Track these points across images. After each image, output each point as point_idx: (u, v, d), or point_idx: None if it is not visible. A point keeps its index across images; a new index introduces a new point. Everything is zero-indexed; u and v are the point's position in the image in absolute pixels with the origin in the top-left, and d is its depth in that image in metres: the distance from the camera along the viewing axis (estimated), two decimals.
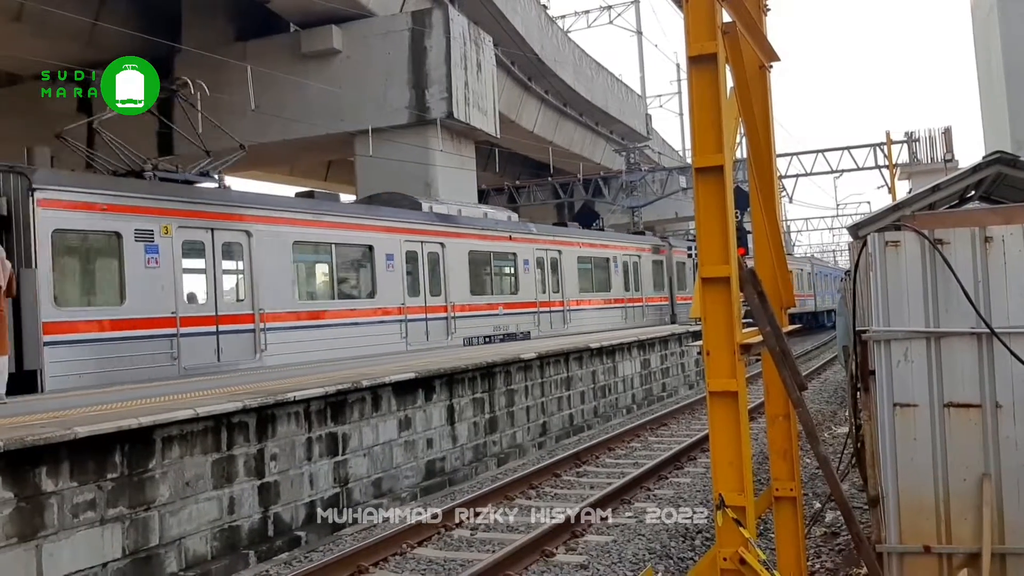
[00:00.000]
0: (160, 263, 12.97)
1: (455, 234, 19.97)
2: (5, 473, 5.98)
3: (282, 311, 15.07)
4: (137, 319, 12.63)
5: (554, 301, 23.83)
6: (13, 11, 21.97)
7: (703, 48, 4.17)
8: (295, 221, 15.98)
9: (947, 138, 31.68)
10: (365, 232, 17.46)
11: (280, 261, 15.31)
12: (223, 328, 13.94)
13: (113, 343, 12.28)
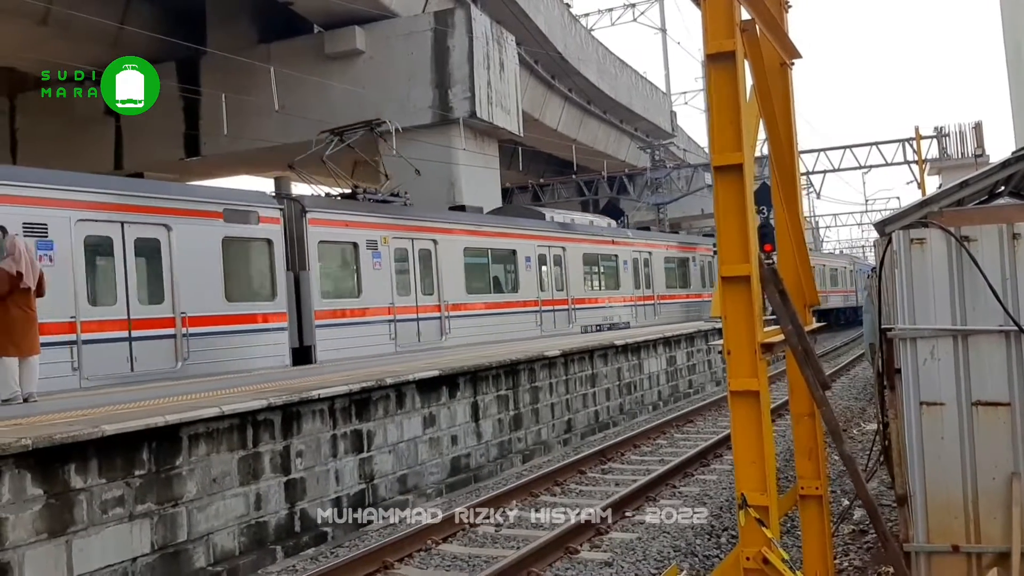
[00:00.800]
0: (381, 266, 16.98)
1: (573, 239, 23.34)
2: (35, 471, 6.07)
3: (460, 303, 19.10)
4: (369, 308, 16.65)
5: (647, 295, 27.31)
6: (40, 15, 22.29)
7: (721, 46, 4.15)
8: (464, 231, 19.61)
9: (977, 133, 31.31)
10: (511, 239, 20.90)
11: (456, 262, 19.00)
12: (422, 316, 17.99)
13: (354, 326, 16.13)
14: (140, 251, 12.73)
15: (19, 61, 25.66)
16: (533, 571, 7.14)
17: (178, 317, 12.86)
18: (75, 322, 11.50)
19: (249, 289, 14.76)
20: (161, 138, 26.46)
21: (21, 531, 5.95)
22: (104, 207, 12.29)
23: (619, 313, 25.23)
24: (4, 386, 9.18)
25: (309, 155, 19.66)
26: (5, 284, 9.13)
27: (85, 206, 11.99)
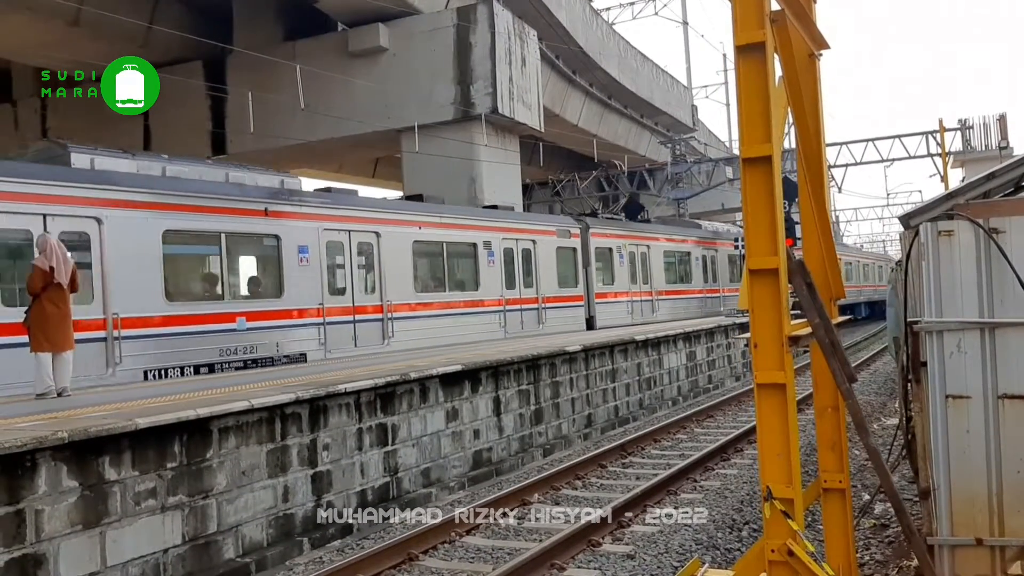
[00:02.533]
0: (623, 262, 24.95)
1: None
2: (71, 463, 6.20)
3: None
4: None
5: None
6: (71, 16, 22.55)
7: (751, 37, 4.12)
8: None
9: (1002, 125, 30.95)
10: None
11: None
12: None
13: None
14: (525, 257, 20.85)
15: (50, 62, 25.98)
16: (556, 563, 7.20)
17: (541, 298, 20.96)
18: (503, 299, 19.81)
19: (567, 280, 22.19)
20: (188, 136, 26.66)
21: (57, 523, 6.08)
22: (507, 230, 20.61)
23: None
24: (39, 381, 9.34)
25: None
26: (39, 281, 9.30)
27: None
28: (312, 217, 15.10)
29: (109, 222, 11.77)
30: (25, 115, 28.99)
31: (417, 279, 17.41)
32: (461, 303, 18.71)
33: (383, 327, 16.35)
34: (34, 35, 23.62)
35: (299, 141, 26.00)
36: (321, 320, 15.05)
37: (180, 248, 13.64)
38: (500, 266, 19.62)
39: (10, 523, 5.81)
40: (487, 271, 19.33)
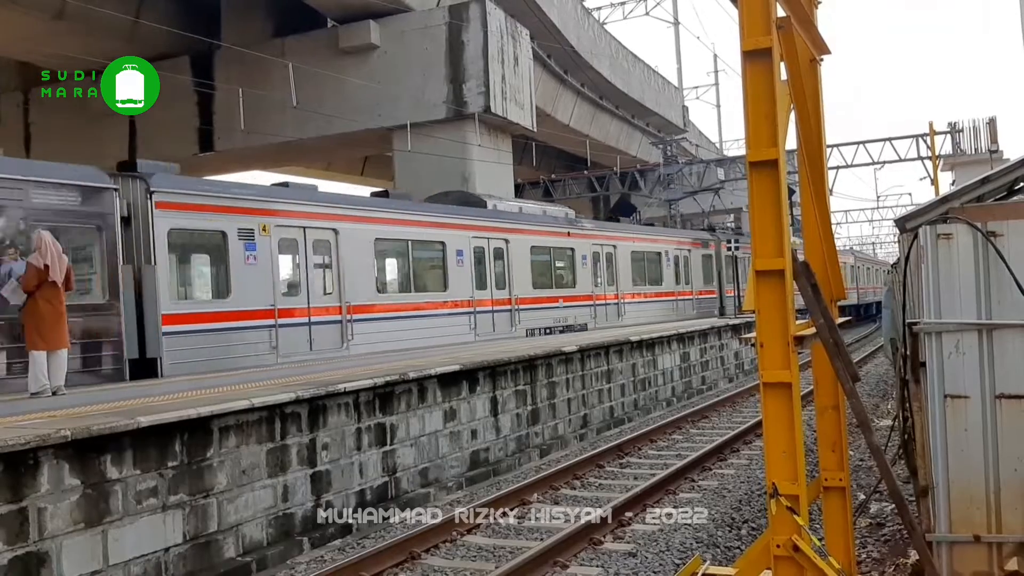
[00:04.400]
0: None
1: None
2: (73, 461, 6.20)
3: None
4: None
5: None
6: (56, 9, 22.36)
7: (758, 43, 4.17)
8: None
9: (992, 128, 31.17)
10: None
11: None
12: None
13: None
14: (678, 263, 29.21)
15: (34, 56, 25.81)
16: (559, 561, 7.24)
17: (695, 291, 30.05)
18: None
19: (706, 279, 30.91)
20: (175, 133, 26.55)
21: (59, 521, 6.08)
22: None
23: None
24: (33, 380, 9.32)
25: None
26: (33, 279, 9.27)
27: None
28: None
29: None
30: (7, 109, 28.74)
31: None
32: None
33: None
34: (17, 28, 23.39)
35: (288, 139, 25.93)
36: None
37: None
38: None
39: (13, 521, 5.81)
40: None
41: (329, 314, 15.35)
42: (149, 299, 12.30)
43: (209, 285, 14.23)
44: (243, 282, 13.78)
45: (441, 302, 18.38)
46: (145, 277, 12.29)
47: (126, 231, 12.16)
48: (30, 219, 10.81)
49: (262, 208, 14.40)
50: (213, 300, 13.84)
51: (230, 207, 13.84)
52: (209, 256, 14.21)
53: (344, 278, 15.67)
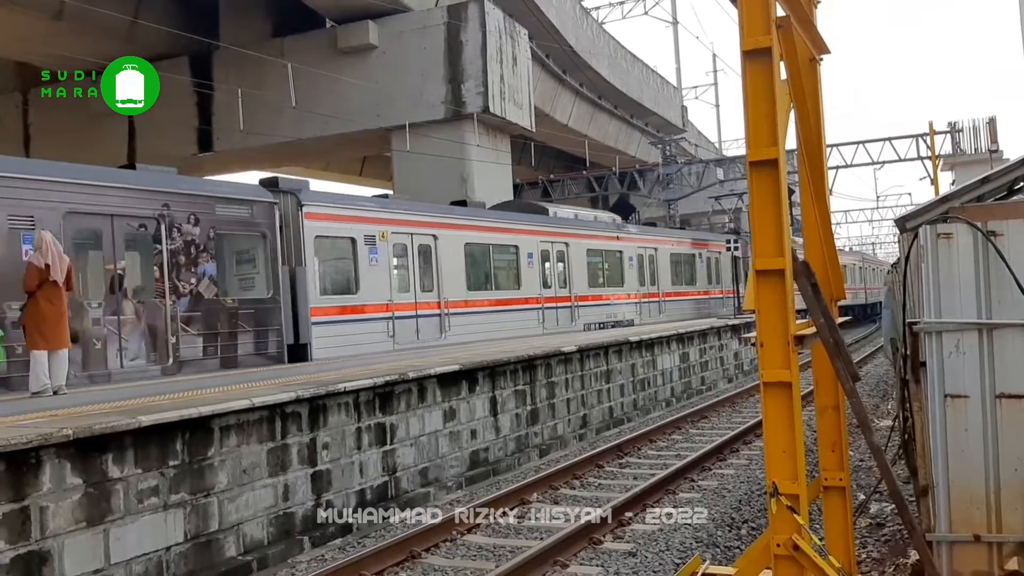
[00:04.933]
0: None
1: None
2: (75, 460, 6.21)
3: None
4: None
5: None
6: (54, 9, 22.37)
7: (758, 42, 4.17)
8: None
9: (992, 128, 31.22)
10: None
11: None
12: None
13: None
14: (710, 264, 31.80)
15: (33, 56, 25.80)
16: (559, 560, 7.26)
17: (724, 291, 32.39)
18: None
19: (735, 278, 31.38)
20: (174, 133, 26.55)
21: (61, 520, 6.09)
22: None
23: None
24: (34, 379, 9.33)
25: None
26: (34, 278, 9.28)
27: None
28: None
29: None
30: (6, 110, 28.75)
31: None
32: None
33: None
34: (16, 29, 23.39)
35: (287, 139, 25.93)
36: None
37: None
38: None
39: (15, 520, 5.81)
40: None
41: (430, 308, 17.97)
42: (301, 294, 14.89)
43: (343, 283, 16.37)
44: (368, 281, 16.33)
45: (515, 299, 20.86)
46: (297, 276, 14.87)
47: (282, 238, 14.56)
48: (217, 228, 13.48)
49: (380, 217, 17.00)
50: (346, 295, 16.13)
51: (357, 217, 16.41)
52: (342, 259, 16.39)
53: (442, 277, 18.23)
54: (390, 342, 16.53)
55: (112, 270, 12.18)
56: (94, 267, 12.40)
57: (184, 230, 13.03)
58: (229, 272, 14.03)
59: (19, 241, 10.80)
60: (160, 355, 12.57)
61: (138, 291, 12.67)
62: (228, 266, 14.02)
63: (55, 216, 11.14)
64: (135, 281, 12.75)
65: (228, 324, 13.63)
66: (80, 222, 11.73)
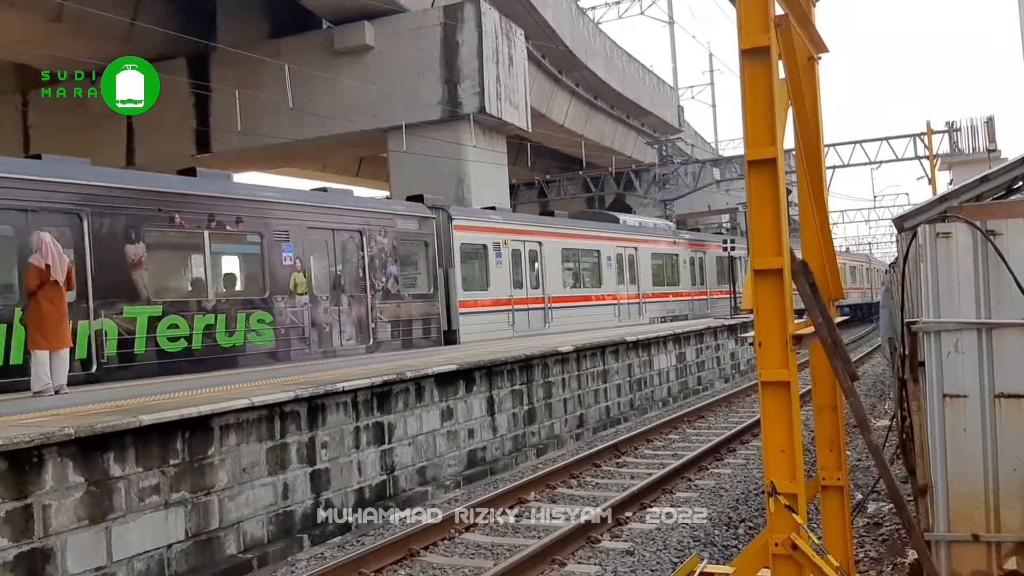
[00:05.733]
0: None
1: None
2: (77, 459, 6.23)
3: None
4: None
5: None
6: (53, 11, 22.36)
7: (756, 41, 4.17)
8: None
9: (990, 127, 31.22)
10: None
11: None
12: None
13: None
14: (742, 263, 29.41)
15: (32, 58, 25.78)
16: (557, 559, 7.28)
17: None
18: None
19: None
20: (172, 134, 26.55)
21: (63, 518, 6.11)
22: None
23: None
24: (36, 379, 9.35)
25: None
26: (35, 278, 9.29)
27: None
28: None
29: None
30: (6, 111, 28.72)
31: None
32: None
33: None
34: (15, 30, 23.38)
35: (284, 140, 25.92)
36: None
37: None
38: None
39: (18, 518, 5.83)
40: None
41: (538, 303, 21.81)
42: (451, 290, 18.72)
43: (478, 282, 19.97)
44: (495, 280, 20.17)
45: (598, 295, 24.88)
46: (449, 276, 18.65)
47: (436, 245, 18.40)
48: (397, 239, 17.34)
49: (502, 228, 20.79)
50: (480, 292, 19.78)
51: (487, 227, 20.24)
52: (478, 262, 20.04)
53: (545, 277, 22.12)
54: (510, 330, 20.29)
55: (334, 272, 15.72)
56: (321, 269, 15.67)
57: (377, 240, 16.74)
58: (404, 273, 17.73)
59: (280, 250, 14.56)
60: (364, 337, 16.28)
61: (349, 288, 16.10)
62: (403, 268, 17.76)
63: (301, 229, 14.99)
64: (348, 280, 16.13)
65: (406, 314, 17.56)
66: (315, 235, 15.37)
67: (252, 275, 14.75)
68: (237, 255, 14.94)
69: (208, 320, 13.19)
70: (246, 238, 14.39)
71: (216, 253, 14.03)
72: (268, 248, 14.37)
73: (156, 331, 12.38)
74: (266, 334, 14.09)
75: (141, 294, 12.27)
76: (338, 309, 15.69)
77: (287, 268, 14.63)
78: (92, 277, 11.50)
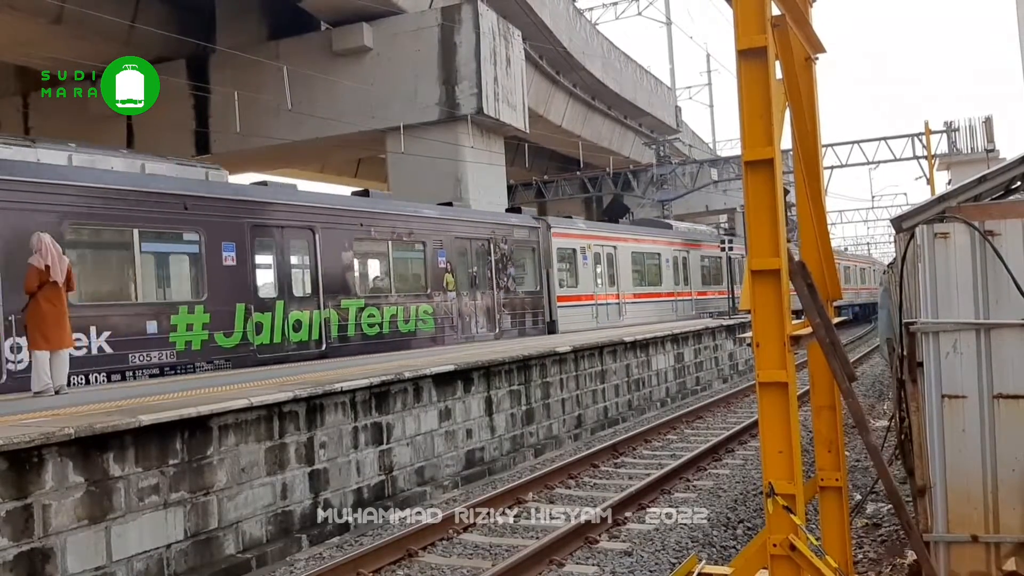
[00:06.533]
0: None
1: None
2: (76, 459, 6.23)
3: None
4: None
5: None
6: (53, 14, 22.42)
7: (753, 42, 4.16)
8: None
9: (988, 127, 31.24)
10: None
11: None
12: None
13: None
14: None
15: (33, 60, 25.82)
16: (555, 559, 7.28)
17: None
18: None
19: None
20: (171, 135, 26.57)
21: (63, 517, 6.11)
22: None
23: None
24: (36, 379, 9.36)
25: None
26: (34, 279, 9.31)
27: None
28: None
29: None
30: (7, 113, 28.76)
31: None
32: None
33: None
34: (16, 33, 23.45)
35: (283, 141, 25.95)
36: None
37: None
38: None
39: (18, 518, 5.83)
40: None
41: (614, 299, 25.72)
42: (552, 288, 22.76)
43: (570, 280, 23.80)
44: (582, 279, 24.17)
45: (658, 293, 28.61)
46: (550, 275, 22.70)
47: (540, 250, 22.48)
48: (514, 245, 21.37)
49: (586, 234, 24.83)
50: (571, 289, 23.60)
51: (575, 234, 24.16)
52: (569, 264, 23.87)
53: (620, 276, 26.09)
54: (593, 322, 23.99)
55: (472, 273, 19.67)
56: (463, 271, 19.45)
57: (500, 247, 20.70)
58: (518, 273, 21.57)
59: (437, 255, 18.52)
60: (492, 326, 20.23)
61: (482, 286, 19.90)
62: (518, 269, 21.52)
63: (449, 239, 18.97)
64: (481, 279, 19.97)
65: (520, 308, 21.41)
66: (459, 243, 19.45)
67: (419, 275, 18.49)
68: (410, 259, 18.63)
69: (392, 310, 17.09)
70: (415, 246, 18.27)
71: (397, 258, 18.04)
72: (429, 254, 18.35)
73: (360, 319, 16.13)
74: (429, 322, 18.08)
75: (351, 290, 16.05)
76: (475, 303, 19.72)
77: (441, 270, 18.66)
78: (321, 277, 15.35)
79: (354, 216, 16.47)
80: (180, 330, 12.61)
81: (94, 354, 11.45)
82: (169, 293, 13.61)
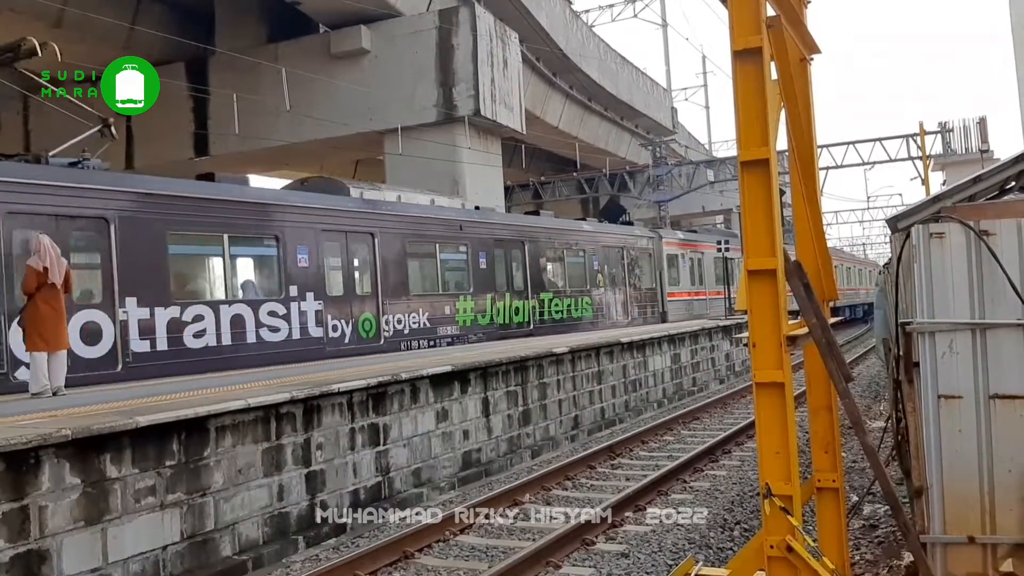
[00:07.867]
0: None
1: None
2: (73, 460, 6.22)
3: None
4: None
5: None
6: (54, 17, 22.45)
7: (748, 42, 4.17)
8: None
9: (982, 128, 31.31)
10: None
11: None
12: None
13: None
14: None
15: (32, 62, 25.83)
16: (552, 561, 7.28)
17: None
18: None
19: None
20: (171, 138, 26.60)
21: (59, 519, 6.10)
22: None
23: None
24: (34, 380, 9.35)
25: None
26: (33, 281, 9.31)
27: None
28: None
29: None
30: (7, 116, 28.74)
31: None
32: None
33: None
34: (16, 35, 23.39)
35: (282, 143, 25.96)
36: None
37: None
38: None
39: (15, 519, 5.82)
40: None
41: (701, 296, 31.67)
42: (664, 285, 28.92)
43: (674, 280, 29.60)
44: (681, 279, 30.41)
45: (703, 291, 32.26)
46: (662, 275, 28.87)
47: (655, 256, 28.63)
48: (638, 251, 27.54)
49: (683, 242, 30.93)
50: (675, 287, 29.53)
51: (677, 243, 30.28)
52: (673, 267, 29.83)
53: (704, 277, 32.13)
54: (687, 313, 29.59)
55: (612, 273, 25.52)
56: (607, 271, 25.36)
57: (630, 252, 26.90)
58: (641, 274, 27.54)
59: (593, 260, 24.86)
60: (625, 315, 26.01)
61: (618, 283, 25.95)
62: (641, 270, 27.46)
63: (599, 248, 25.37)
64: (618, 278, 25.98)
65: (642, 301, 27.44)
66: (604, 252, 25.50)
67: (582, 276, 24.42)
68: (576, 264, 24.38)
69: (568, 301, 23.29)
70: (579, 254, 24.41)
71: (570, 263, 24.01)
72: (588, 258, 24.57)
73: (551, 307, 22.63)
74: (588, 311, 24.21)
75: (546, 286, 22.72)
76: (615, 297, 25.66)
77: (595, 271, 24.87)
78: (529, 276, 21.67)
79: (549, 232, 22.96)
80: (458, 314, 19.18)
81: (422, 327, 17.82)
82: (449, 286, 19.49)
